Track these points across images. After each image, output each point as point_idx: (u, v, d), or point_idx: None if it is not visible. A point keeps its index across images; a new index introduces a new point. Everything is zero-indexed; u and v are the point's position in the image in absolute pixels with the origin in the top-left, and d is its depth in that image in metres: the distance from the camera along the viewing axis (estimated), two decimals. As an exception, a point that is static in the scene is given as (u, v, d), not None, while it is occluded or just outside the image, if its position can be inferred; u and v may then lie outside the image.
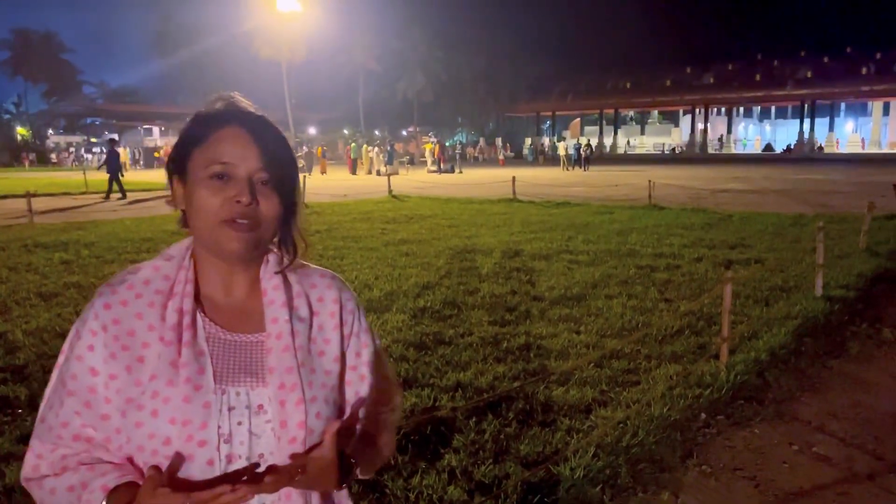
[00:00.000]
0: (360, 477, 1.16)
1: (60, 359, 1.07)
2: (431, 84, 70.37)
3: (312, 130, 62.60)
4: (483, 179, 26.51)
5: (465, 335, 5.38)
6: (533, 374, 4.46)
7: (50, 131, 77.14)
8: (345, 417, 1.15)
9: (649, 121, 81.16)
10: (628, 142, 75.36)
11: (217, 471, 1.00)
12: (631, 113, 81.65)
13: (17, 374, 4.57)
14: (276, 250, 1.14)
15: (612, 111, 74.41)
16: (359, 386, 1.17)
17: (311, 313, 1.13)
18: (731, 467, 3.32)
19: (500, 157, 30.27)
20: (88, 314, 1.05)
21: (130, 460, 1.03)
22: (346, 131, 63.41)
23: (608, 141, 73.06)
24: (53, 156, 59.70)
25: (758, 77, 64.73)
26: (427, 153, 43.11)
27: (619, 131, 76.18)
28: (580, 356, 4.83)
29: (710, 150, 66.00)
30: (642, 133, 78.79)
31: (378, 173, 32.31)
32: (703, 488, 3.13)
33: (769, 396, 4.25)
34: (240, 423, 1.03)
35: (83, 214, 14.74)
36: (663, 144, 71.72)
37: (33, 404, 4.02)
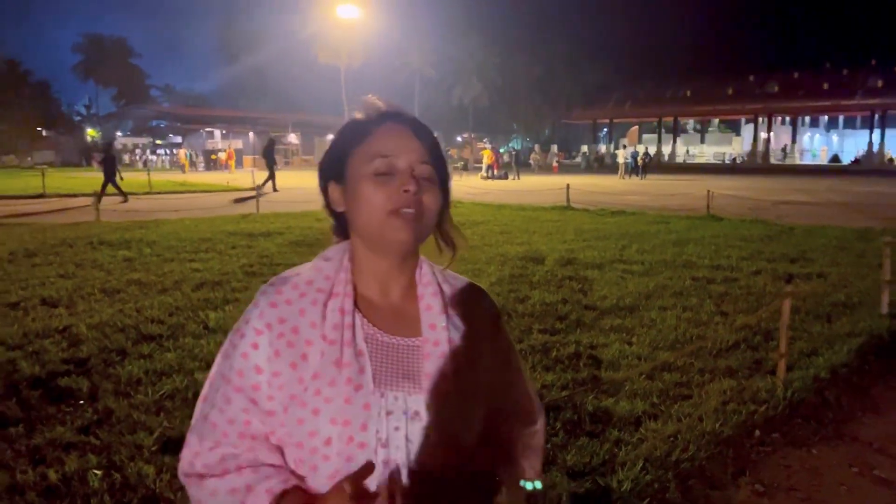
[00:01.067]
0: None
1: (219, 358, 1.09)
2: (487, 90, 70.47)
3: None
4: (537, 186, 26.36)
5: (514, 342, 5.35)
6: (582, 384, 4.41)
7: (118, 133, 79.90)
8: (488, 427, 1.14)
9: (709, 129, 79.57)
10: (687, 151, 74.01)
11: (376, 476, 0.99)
12: (691, 121, 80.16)
13: (80, 367, 4.73)
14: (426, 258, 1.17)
15: (671, 119, 73.22)
16: (505, 400, 1.19)
17: (465, 323, 1.14)
18: (785, 487, 3.22)
19: (554, 163, 29.90)
20: (252, 313, 1.07)
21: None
22: (272, 134, 63.83)
23: (667, 150, 71.91)
24: (126, 157, 61.92)
25: (825, 86, 62.73)
26: (484, 159, 43.15)
27: (678, 140, 74.89)
28: (631, 367, 4.76)
29: (773, 161, 64.26)
30: (702, 142, 77.30)
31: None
32: (756, 507, 3.05)
33: (829, 416, 4.11)
34: (397, 429, 1.03)
35: (146, 214, 15.22)
36: (724, 154, 70.21)
37: (94, 395, 4.18)
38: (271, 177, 23.61)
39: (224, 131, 64.30)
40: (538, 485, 1.24)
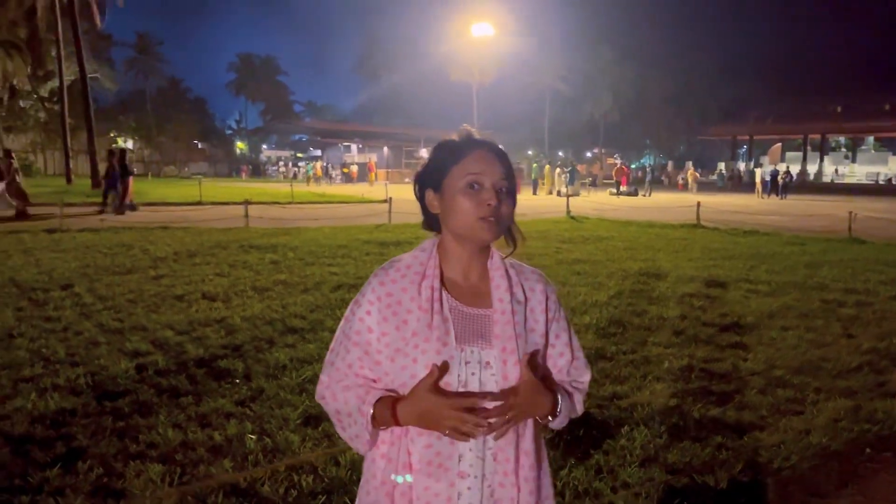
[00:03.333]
0: (555, 426, 1.51)
1: (342, 322, 1.53)
2: (619, 105, 69.35)
3: (498, 151, 63.89)
4: (668, 204, 25.84)
5: (627, 353, 5.55)
6: (691, 394, 4.56)
7: (264, 146, 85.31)
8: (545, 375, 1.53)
9: (862, 148, 74.21)
10: (836, 170, 69.37)
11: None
12: (841, 139, 75.13)
13: (235, 351, 5.41)
14: (496, 249, 1.54)
15: (817, 137, 68.99)
16: (558, 360, 1.55)
17: (525, 298, 1.51)
18: (890, 500, 3.26)
19: (679, 180, 29.03)
20: (367, 289, 1.50)
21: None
22: (529, 152, 64.14)
23: (812, 168, 67.77)
24: (277, 168, 66.26)
25: None
26: (615, 175, 42.70)
27: (826, 158, 70.40)
28: (743, 382, 4.84)
29: (935, 182, 59.03)
30: (853, 161, 72.20)
31: (559, 194, 32.49)
32: (854, 516, 3.13)
33: (950, 441, 4.03)
34: (473, 374, 1.41)
35: (289, 221, 16.41)
36: (877, 174, 65.21)
37: (248, 376, 4.80)
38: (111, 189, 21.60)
39: (360, 145, 67.19)
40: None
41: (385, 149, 62.46)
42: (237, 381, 4.73)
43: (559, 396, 1.48)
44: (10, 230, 13.47)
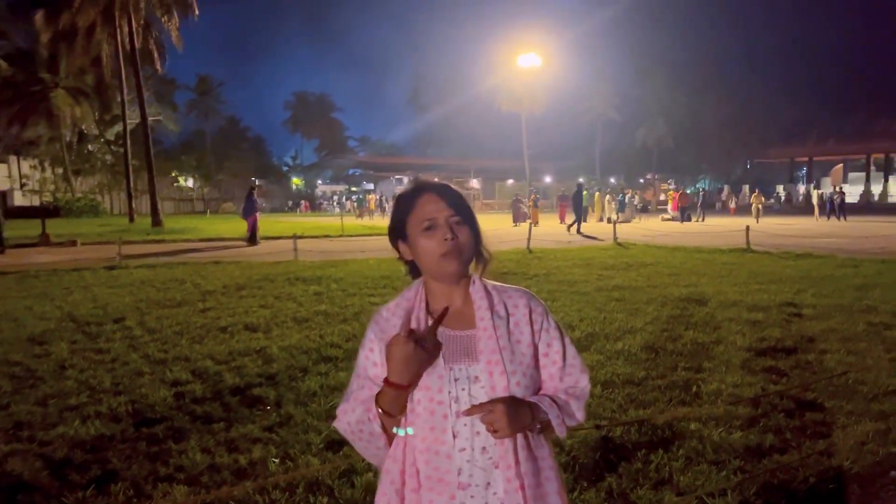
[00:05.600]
0: (556, 433, 1.59)
1: (355, 366, 1.67)
2: (672, 130, 68.59)
3: (548, 179, 64.00)
4: (720, 229, 25.37)
5: (655, 378, 5.52)
6: (714, 418, 4.52)
7: (318, 181, 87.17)
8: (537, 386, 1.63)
9: (929, 166, 71.28)
10: (903, 190, 66.75)
11: (449, 423, 1.52)
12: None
13: (270, 380, 5.60)
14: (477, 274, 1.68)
15: (882, 156, 66.66)
16: (550, 367, 1.65)
17: (508, 314, 1.63)
18: (907, 525, 3.19)
19: (732, 205, 28.44)
20: (368, 331, 1.67)
21: None
22: (581, 180, 63.90)
23: (877, 189, 65.40)
24: (324, 202, 67.72)
25: None
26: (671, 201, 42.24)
27: (892, 178, 67.87)
28: (772, 405, 4.77)
29: None
30: (920, 180, 69.37)
31: (608, 221, 32.24)
32: (868, 540, 3.07)
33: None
34: (463, 389, 1.54)
35: (337, 254, 16.77)
36: (946, 193, 62.55)
37: (279, 403, 4.97)
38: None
39: (412, 177, 68.00)
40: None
41: (436, 180, 62.98)
42: (268, 407, 4.91)
43: (543, 405, 1.56)
44: (74, 268, 14.16)
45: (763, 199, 32.56)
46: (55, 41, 36.56)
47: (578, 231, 25.60)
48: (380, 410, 1.53)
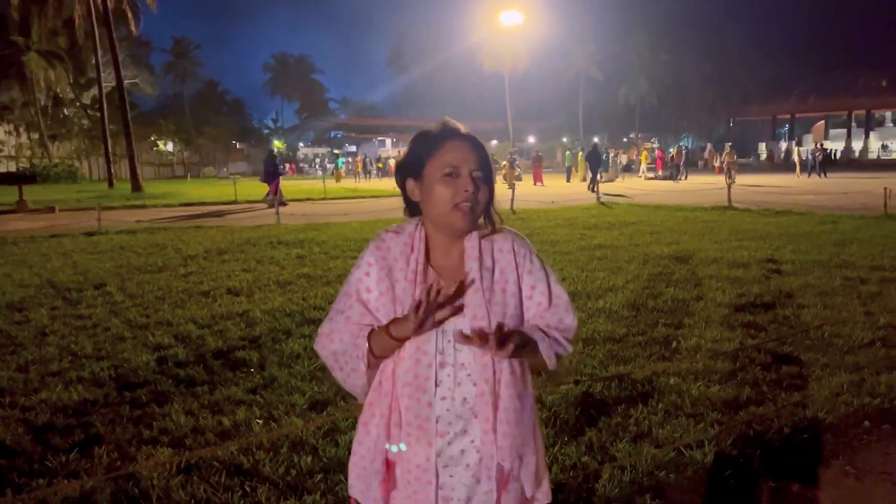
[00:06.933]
0: (547, 367, 1.59)
1: (343, 285, 1.64)
2: (655, 88, 68.27)
3: (531, 139, 63.72)
4: (703, 186, 25.47)
5: (636, 335, 5.58)
6: (693, 372, 4.59)
7: (300, 144, 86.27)
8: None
9: (910, 122, 71.76)
10: (883, 146, 67.16)
11: (433, 372, 1.52)
12: (888, 114, 72.69)
13: (253, 343, 5.60)
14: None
15: (863, 112, 66.91)
16: (536, 308, 1.63)
17: (494, 262, 1.61)
18: (878, 471, 3.27)
19: (715, 164, 28.46)
20: (366, 252, 1.62)
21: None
22: (564, 139, 63.67)
23: (858, 145, 65.76)
24: (305, 166, 67.04)
25: None
26: (644, 159, 42.24)
27: (873, 135, 68.19)
28: (749, 359, 4.85)
29: None
30: (900, 136, 69.82)
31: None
32: (840, 485, 3.14)
33: (954, 413, 3.99)
34: (449, 342, 1.53)
35: (319, 217, 16.68)
36: (926, 148, 63.06)
37: (262, 365, 4.98)
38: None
39: (394, 140, 67.54)
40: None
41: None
42: (251, 370, 4.92)
43: (535, 335, 1.56)
44: (52, 234, 13.99)
45: (735, 156, 32.33)
46: (26, 3, 35.62)
47: (594, 190, 25.05)
48: (371, 353, 1.53)
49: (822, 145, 38.33)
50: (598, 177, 25.26)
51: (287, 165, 66.56)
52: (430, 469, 1.52)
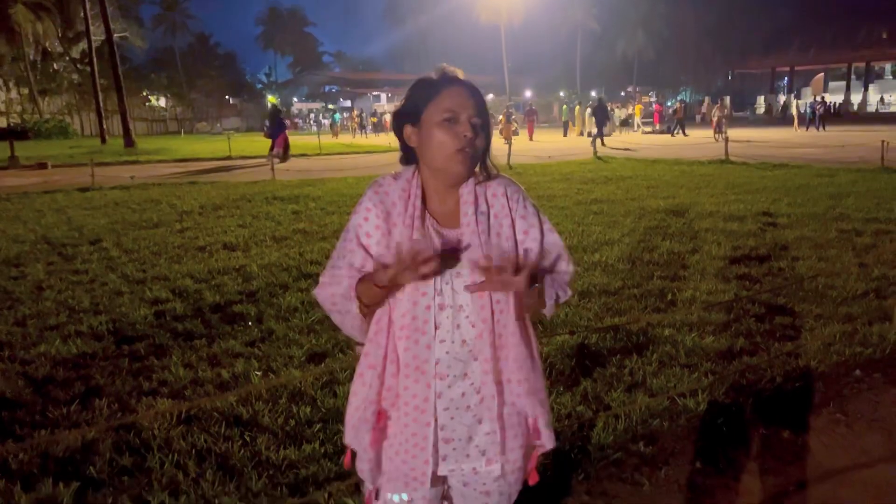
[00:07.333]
0: (545, 310, 1.60)
1: (343, 233, 1.62)
2: (652, 41, 67.34)
3: (528, 93, 63.04)
4: (700, 140, 25.32)
5: (631, 287, 5.61)
6: (687, 324, 4.63)
7: (294, 98, 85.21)
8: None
9: (909, 74, 70.97)
10: (882, 99, 66.56)
11: (431, 314, 1.52)
12: (887, 66, 71.88)
13: (250, 297, 5.63)
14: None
15: (863, 65, 66.11)
16: (528, 254, 1.61)
17: (489, 206, 1.60)
18: (868, 418, 3.33)
19: (714, 117, 28.11)
20: (364, 198, 1.60)
21: None
22: (561, 93, 62.99)
23: (857, 98, 65.15)
24: (299, 121, 66.34)
25: None
26: (638, 112, 41.95)
27: (872, 87, 67.50)
28: (743, 311, 4.88)
29: None
30: (900, 88, 69.13)
31: (589, 135, 32.01)
32: (830, 432, 3.20)
33: (944, 362, 4.05)
34: (447, 284, 1.54)
35: (315, 173, 16.58)
36: (925, 101, 62.52)
37: (260, 319, 5.01)
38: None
39: (389, 94, 66.75)
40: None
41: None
42: (249, 323, 4.95)
43: (543, 278, 1.56)
44: (45, 190, 13.91)
45: (726, 109, 31.73)
46: (11, -47, 34.66)
47: (603, 143, 25.25)
48: (358, 299, 1.53)
49: (823, 98, 37.95)
50: (587, 133, 25.29)
51: (286, 121, 65.72)
52: (429, 410, 1.53)
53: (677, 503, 2.70)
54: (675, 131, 34.52)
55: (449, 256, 1.53)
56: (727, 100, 36.33)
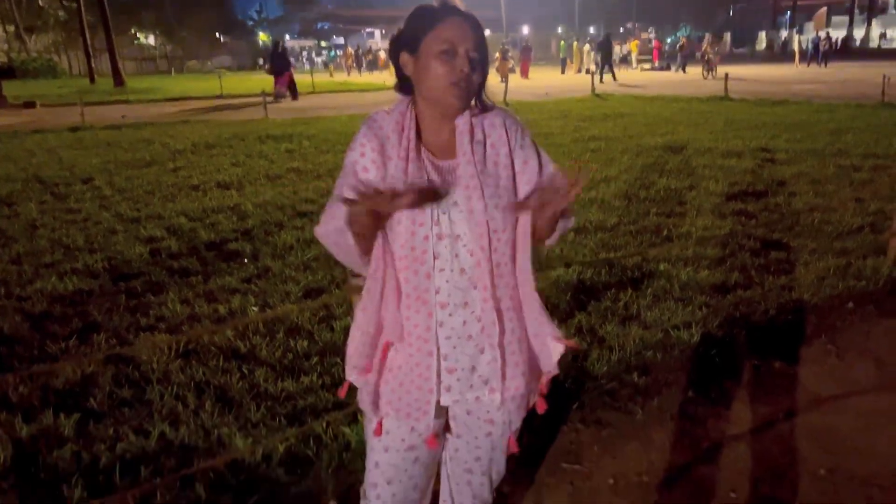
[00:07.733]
0: (550, 240, 1.61)
1: (342, 169, 1.59)
2: (652, -25, 65.64)
3: (525, 30, 61.72)
4: (700, 77, 25.00)
5: (627, 224, 5.60)
6: (682, 259, 4.64)
7: (286, 36, 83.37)
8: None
9: (913, 8, 69.45)
10: (883, 34, 65.31)
11: (430, 244, 1.51)
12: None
13: (245, 235, 5.61)
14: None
15: (866, -1, 64.65)
16: (526, 186, 1.60)
17: (485, 136, 1.58)
18: (859, 349, 3.37)
19: (708, 56, 27.49)
20: (360, 133, 1.57)
21: None
22: (559, 30, 61.70)
23: (859, 33, 63.93)
24: (292, 59, 65.04)
25: None
26: (634, 48, 41.25)
27: (875, 22, 66.16)
28: (739, 246, 4.89)
29: None
30: (903, 23, 67.74)
31: (588, 72, 31.53)
32: (821, 362, 3.24)
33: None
34: (444, 213, 1.53)
35: (308, 111, 16.36)
36: (929, 36, 61.36)
37: (256, 256, 5.00)
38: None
39: (384, 31, 65.36)
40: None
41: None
42: (245, 261, 4.94)
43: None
44: (35, 129, 13.71)
45: (718, 45, 30.74)
46: None
47: (615, 78, 25.13)
48: (350, 228, 1.52)
49: (828, 34, 37.25)
50: (603, 67, 25.16)
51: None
52: (431, 339, 1.54)
53: (669, 431, 2.74)
54: (679, 67, 34.00)
55: (445, 187, 1.52)
56: (727, 36, 35.59)
